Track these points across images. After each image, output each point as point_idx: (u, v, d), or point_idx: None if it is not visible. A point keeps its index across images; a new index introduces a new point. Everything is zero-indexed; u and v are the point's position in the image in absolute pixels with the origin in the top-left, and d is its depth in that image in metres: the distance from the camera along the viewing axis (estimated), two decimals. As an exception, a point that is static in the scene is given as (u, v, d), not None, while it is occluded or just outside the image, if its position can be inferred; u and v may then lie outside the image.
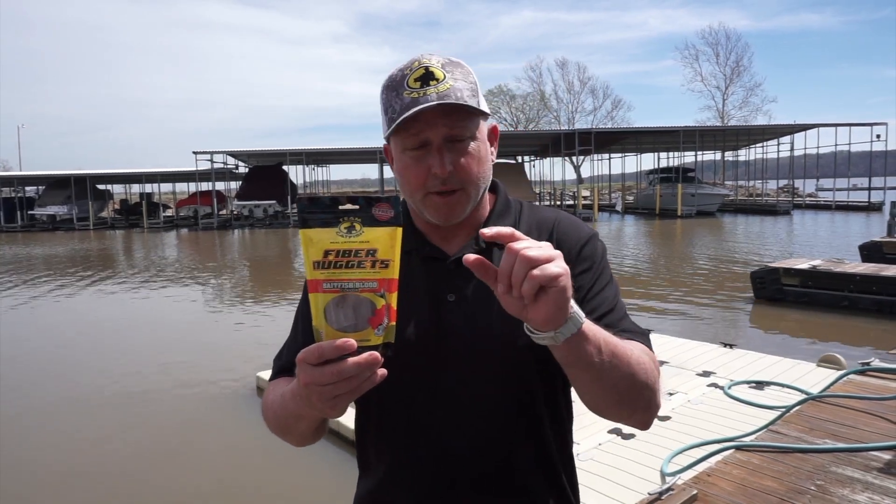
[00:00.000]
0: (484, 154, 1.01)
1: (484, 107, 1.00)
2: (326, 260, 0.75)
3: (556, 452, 1.05)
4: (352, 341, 0.73)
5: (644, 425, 0.99)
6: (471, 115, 0.97)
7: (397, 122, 0.94)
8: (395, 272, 0.77)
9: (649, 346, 1.02)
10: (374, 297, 0.76)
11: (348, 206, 0.76)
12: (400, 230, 0.77)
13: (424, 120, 0.95)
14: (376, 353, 0.74)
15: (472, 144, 0.99)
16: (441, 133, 0.96)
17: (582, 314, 0.81)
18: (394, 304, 0.77)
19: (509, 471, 1.01)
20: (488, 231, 0.77)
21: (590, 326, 0.82)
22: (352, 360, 0.73)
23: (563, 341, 0.79)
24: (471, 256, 0.78)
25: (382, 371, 0.76)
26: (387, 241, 0.76)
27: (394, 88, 0.97)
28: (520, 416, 1.01)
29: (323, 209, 0.76)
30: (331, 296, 0.75)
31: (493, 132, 1.06)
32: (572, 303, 0.79)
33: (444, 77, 0.96)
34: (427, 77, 0.95)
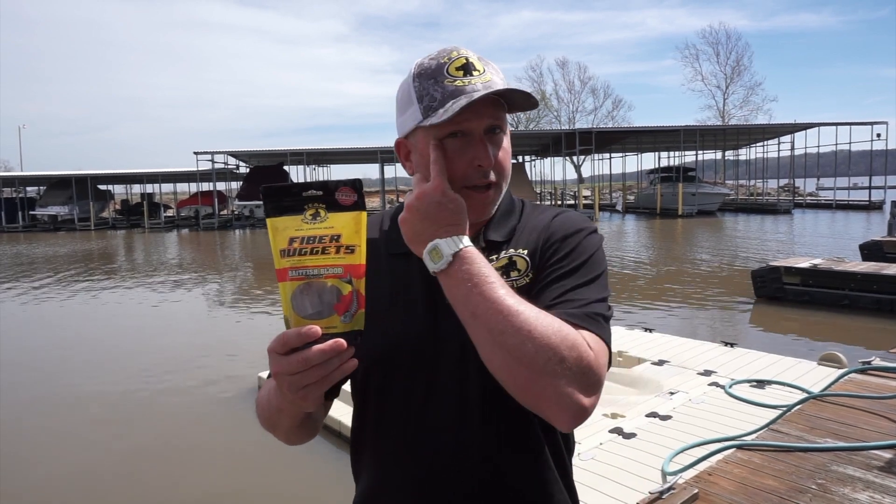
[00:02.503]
0: (510, 149, 1.02)
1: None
2: (291, 247, 0.74)
3: (551, 457, 1.03)
4: (315, 328, 0.72)
5: (559, 420, 0.85)
6: (503, 108, 0.98)
7: (457, 106, 0.89)
8: (361, 258, 0.76)
9: (590, 328, 0.88)
10: (340, 284, 0.75)
11: (312, 193, 0.75)
12: (364, 214, 0.76)
13: (472, 110, 0.92)
14: (341, 341, 0.73)
15: (505, 138, 1.00)
16: (486, 124, 0.95)
17: (447, 256, 0.86)
18: (362, 291, 0.76)
19: (503, 476, 0.99)
20: None
21: (459, 266, 0.86)
22: (316, 347, 0.72)
23: (434, 273, 0.88)
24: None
25: (353, 361, 0.75)
26: (351, 225, 0.75)
27: (431, 76, 0.94)
28: (513, 422, 0.99)
29: (288, 196, 0.75)
30: (296, 283, 0.74)
31: None
32: (440, 243, 0.87)
33: (484, 70, 0.95)
34: (469, 67, 0.94)
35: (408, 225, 0.91)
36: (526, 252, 1.00)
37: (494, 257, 1.01)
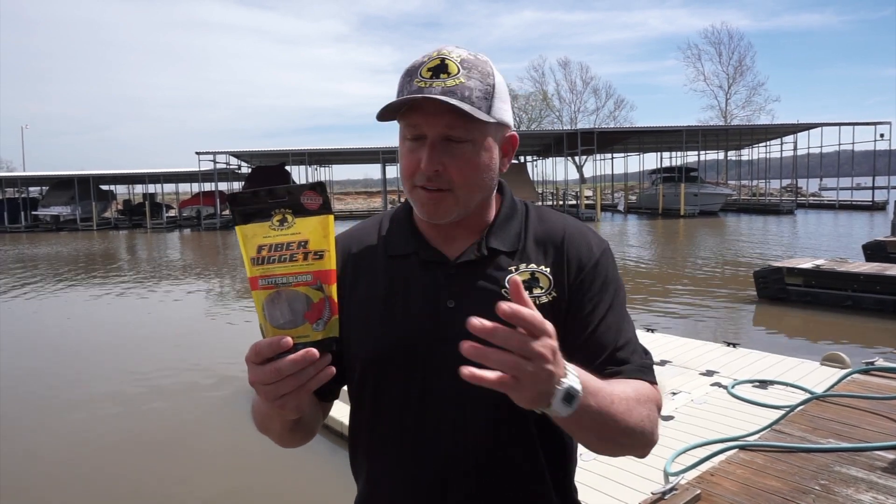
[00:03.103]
0: (484, 161, 0.96)
1: (499, 113, 0.94)
2: (260, 256, 0.73)
3: (550, 458, 1.03)
4: (286, 339, 0.72)
5: (642, 456, 0.97)
6: (476, 119, 0.91)
7: (385, 105, 0.91)
8: (331, 263, 0.74)
9: (652, 379, 0.99)
10: (310, 291, 0.73)
11: (278, 199, 0.74)
12: (331, 218, 0.74)
13: (423, 113, 0.92)
14: (313, 350, 0.72)
15: (471, 148, 0.94)
16: (438, 131, 0.92)
17: (579, 394, 0.76)
18: (334, 297, 0.74)
19: (502, 477, 1.00)
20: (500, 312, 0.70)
21: (587, 401, 0.78)
22: (288, 358, 0.72)
23: (564, 416, 0.77)
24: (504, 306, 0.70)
25: (330, 369, 0.74)
26: (318, 230, 0.74)
27: (409, 74, 0.94)
28: (513, 424, 0.98)
29: (255, 203, 0.74)
30: (267, 292, 0.73)
31: (510, 142, 1.01)
32: (569, 384, 0.75)
33: (458, 72, 0.91)
34: (439, 69, 0.92)
35: (536, 382, 0.72)
36: (549, 270, 1.00)
37: (513, 269, 1.00)
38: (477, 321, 0.69)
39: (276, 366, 0.72)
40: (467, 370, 0.68)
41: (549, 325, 0.72)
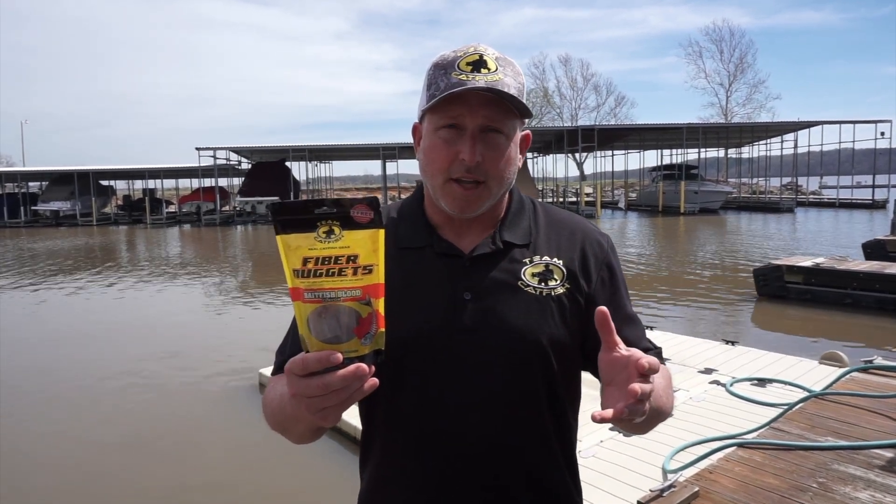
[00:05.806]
0: (513, 155, 1.01)
1: (529, 111, 1.00)
2: (306, 268, 0.71)
3: (560, 449, 1.06)
4: (337, 355, 0.70)
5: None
6: (510, 114, 0.97)
7: (440, 96, 0.94)
8: (380, 277, 0.73)
9: (662, 360, 1.09)
10: (359, 306, 0.72)
11: (325, 209, 0.72)
12: (382, 232, 0.73)
13: (467, 104, 0.95)
14: (363, 366, 0.71)
15: (505, 142, 0.99)
16: (478, 122, 0.96)
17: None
18: (381, 310, 0.73)
19: (514, 467, 1.01)
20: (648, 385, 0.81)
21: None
22: (338, 373, 0.71)
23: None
24: (601, 312, 0.82)
25: (373, 381, 0.73)
26: (368, 244, 0.72)
27: (443, 67, 0.96)
28: (527, 414, 1.01)
29: (299, 213, 0.72)
30: (312, 306, 0.71)
31: (525, 140, 1.06)
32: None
33: (496, 69, 0.95)
34: (479, 64, 0.95)
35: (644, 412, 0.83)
36: (562, 262, 1.05)
37: (528, 261, 1.04)
38: (638, 387, 0.77)
39: (324, 381, 0.71)
40: (598, 414, 0.78)
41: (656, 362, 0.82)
